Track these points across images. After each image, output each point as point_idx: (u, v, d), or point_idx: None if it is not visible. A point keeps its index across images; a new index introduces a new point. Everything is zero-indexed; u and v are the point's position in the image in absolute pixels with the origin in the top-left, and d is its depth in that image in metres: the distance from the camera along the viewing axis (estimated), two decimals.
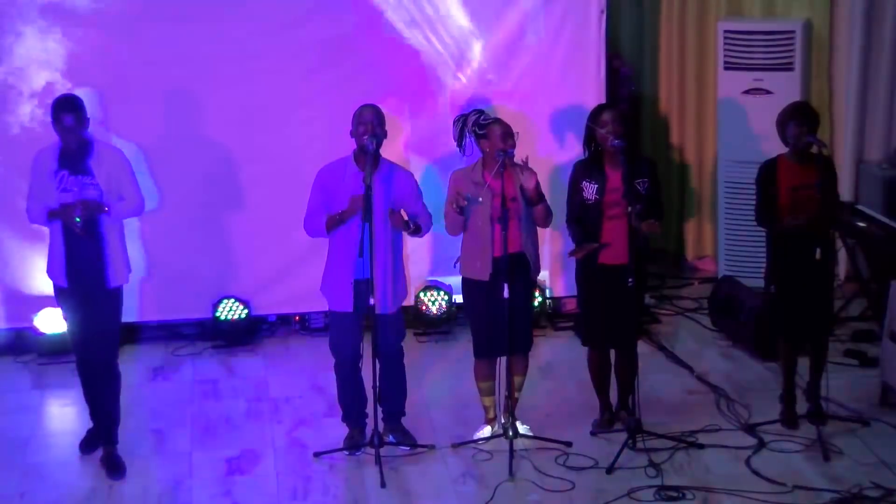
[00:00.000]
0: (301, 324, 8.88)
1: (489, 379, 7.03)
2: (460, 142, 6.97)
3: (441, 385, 7.81)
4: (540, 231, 7.03)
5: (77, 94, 6.88)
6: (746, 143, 9.02)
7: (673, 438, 6.92)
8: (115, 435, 6.92)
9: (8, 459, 6.99)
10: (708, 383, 7.80)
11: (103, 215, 6.66)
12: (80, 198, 6.58)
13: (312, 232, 6.87)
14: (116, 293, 6.84)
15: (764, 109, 8.88)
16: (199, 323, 8.74)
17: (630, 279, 6.62)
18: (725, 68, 9.19)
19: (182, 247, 8.53)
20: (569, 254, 7.03)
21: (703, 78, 9.74)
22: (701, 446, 6.92)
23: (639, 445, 6.78)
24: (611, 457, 6.74)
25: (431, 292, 8.74)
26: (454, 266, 6.97)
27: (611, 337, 6.99)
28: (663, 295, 9.38)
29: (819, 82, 9.31)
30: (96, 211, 6.62)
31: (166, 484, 6.69)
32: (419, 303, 8.72)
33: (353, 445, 6.92)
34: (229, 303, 8.61)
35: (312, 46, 8.45)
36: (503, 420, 6.91)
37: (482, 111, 7.00)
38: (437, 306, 8.74)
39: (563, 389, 7.79)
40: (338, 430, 7.05)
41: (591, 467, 6.73)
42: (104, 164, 6.70)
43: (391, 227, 6.73)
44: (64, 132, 6.62)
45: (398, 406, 7.04)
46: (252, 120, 8.46)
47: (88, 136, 6.75)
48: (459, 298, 7.26)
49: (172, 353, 8.53)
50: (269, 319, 8.92)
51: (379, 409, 6.86)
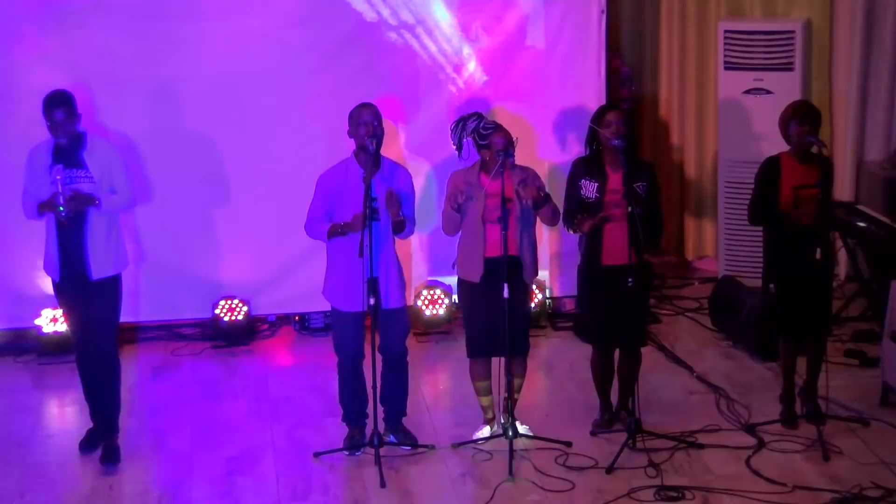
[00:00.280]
0: (301, 324, 8.87)
1: (485, 379, 7.03)
2: (459, 146, 6.95)
3: (441, 385, 7.82)
4: (539, 232, 7.02)
5: (67, 90, 6.86)
6: (747, 143, 9.02)
7: (673, 438, 6.92)
8: (117, 424, 6.96)
9: (8, 459, 6.99)
10: (708, 383, 7.80)
11: (91, 208, 6.67)
12: (72, 190, 6.58)
13: (313, 236, 6.88)
14: (107, 285, 6.82)
15: (764, 109, 8.90)
16: (199, 323, 8.74)
17: (630, 279, 6.62)
18: (726, 68, 9.19)
19: (182, 247, 8.53)
20: (575, 229, 6.91)
21: (704, 78, 9.74)
22: (701, 446, 6.91)
23: (639, 445, 6.78)
24: (611, 457, 6.74)
25: (431, 292, 8.74)
26: (452, 267, 6.98)
27: (616, 337, 6.98)
28: (664, 295, 9.38)
29: (819, 82, 9.31)
30: (87, 204, 6.62)
31: (166, 484, 6.68)
32: (419, 303, 8.72)
33: (353, 445, 6.91)
34: (229, 303, 8.61)
35: (312, 46, 8.45)
36: (503, 420, 6.90)
37: (482, 116, 6.93)
38: (438, 306, 8.75)
39: (563, 389, 7.79)
40: (338, 430, 7.04)
41: (591, 467, 6.72)
42: (97, 158, 6.73)
43: (389, 216, 6.71)
44: (55, 127, 6.63)
45: (400, 406, 7.03)
46: (252, 120, 8.46)
47: (81, 130, 6.76)
48: (457, 300, 7.25)
49: (172, 354, 8.53)
50: (269, 319, 8.92)
51: (379, 409, 6.86)
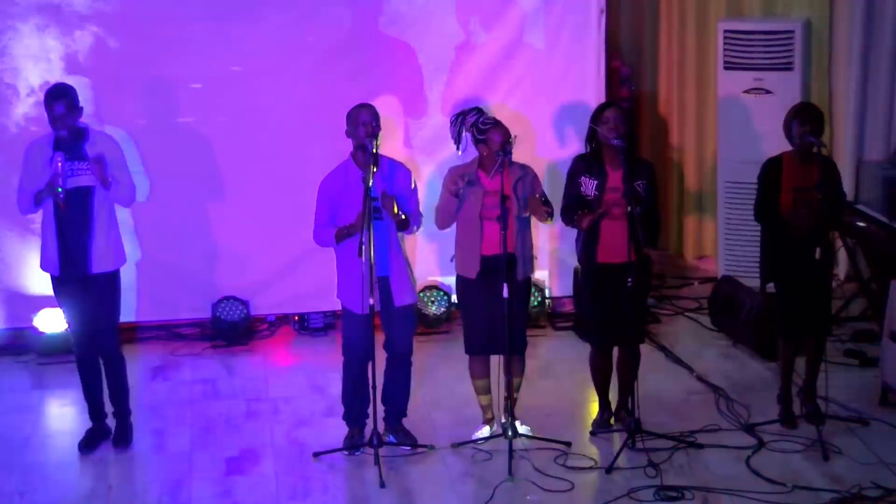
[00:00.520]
0: (300, 324, 8.87)
1: (483, 377, 7.02)
2: (458, 140, 6.96)
3: (441, 385, 7.81)
4: (538, 231, 7.01)
5: (68, 84, 6.94)
6: (746, 143, 9.02)
7: (673, 438, 6.91)
8: (128, 405, 7.12)
9: (7, 459, 6.99)
10: (708, 383, 7.79)
11: (95, 199, 6.74)
12: (96, 155, 6.71)
13: (322, 243, 6.87)
14: (107, 280, 6.88)
15: (764, 109, 8.90)
16: (199, 323, 8.74)
17: (629, 278, 6.62)
18: (725, 68, 9.18)
19: (182, 247, 8.53)
20: (575, 224, 6.89)
21: (703, 78, 9.74)
22: (700, 446, 6.91)
23: (638, 445, 6.78)
24: (610, 457, 6.74)
25: (432, 292, 8.74)
26: (451, 261, 6.97)
27: (615, 335, 6.98)
28: (663, 295, 9.37)
29: (819, 82, 9.30)
30: (103, 179, 6.67)
31: (166, 484, 6.68)
32: (419, 303, 8.71)
33: (353, 445, 6.91)
34: (229, 303, 8.62)
35: (312, 46, 8.45)
36: (503, 420, 6.90)
37: (482, 111, 6.95)
38: (437, 306, 8.74)
39: (563, 389, 7.78)
40: (337, 430, 7.04)
41: (591, 467, 6.72)
42: (101, 150, 6.78)
43: (383, 205, 6.70)
44: (55, 120, 6.69)
45: (400, 406, 7.03)
46: (252, 120, 8.46)
47: (82, 125, 6.82)
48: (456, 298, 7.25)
49: (172, 354, 8.53)
50: (269, 319, 8.92)
51: (380, 409, 6.86)
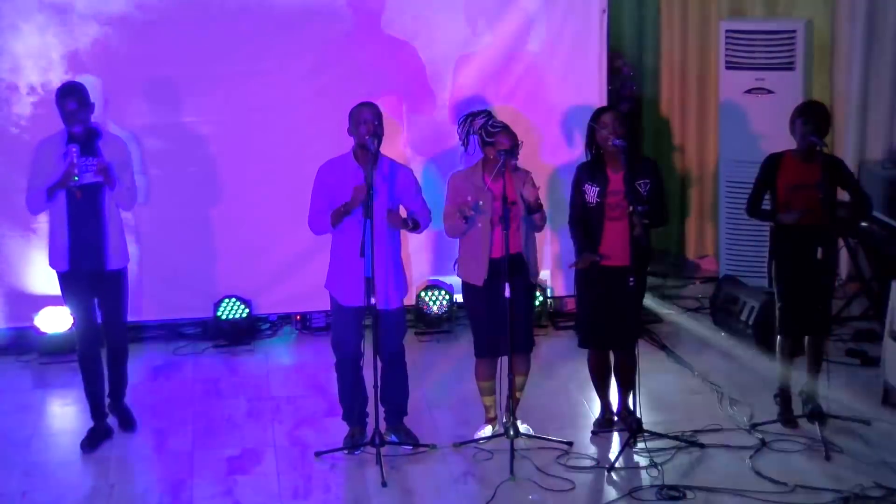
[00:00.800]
0: (302, 323, 8.87)
1: (489, 378, 7.03)
2: (465, 141, 6.96)
3: (442, 384, 7.81)
4: (540, 232, 7.02)
5: (79, 82, 7.03)
6: (748, 143, 9.01)
7: (674, 438, 6.91)
8: (124, 392, 7.28)
9: (9, 458, 6.99)
10: (709, 383, 7.80)
11: (105, 195, 6.83)
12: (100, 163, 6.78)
13: (318, 229, 6.85)
14: (118, 277, 7.02)
15: (765, 109, 8.90)
16: (201, 322, 8.75)
17: (631, 280, 6.62)
18: (727, 68, 9.18)
19: (183, 247, 8.53)
20: (570, 266, 7.02)
21: (705, 77, 9.74)
22: (702, 446, 6.91)
23: (640, 445, 6.78)
24: (611, 456, 6.74)
25: (432, 292, 8.74)
26: (452, 268, 6.97)
27: (611, 338, 6.98)
28: (664, 294, 9.37)
29: (820, 82, 9.31)
30: (108, 179, 6.76)
31: (167, 483, 6.68)
32: (420, 303, 8.72)
33: (354, 445, 6.91)
34: (230, 302, 8.61)
35: (313, 45, 8.44)
36: (504, 420, 6.90)
37: (491, 114, 6.93)
38: (438, 306, 8.74)
39: (564, 389, 7.78)
40: (339, 430, 7.04)
41: (592, 467, 6.73)
42: (111, 150, 6.90)
43: (385, 216, 6.71)
44: (68, 116, 6.77)
45: (400, 405, 7.03)
46: (252, 120, 8.46)
47: (94, 124, 6.92)
48: (460, 298, 7.25)
49: (174, 353, 8.53)
50: (270, 319, 8.93)
51: (380, 409, 6.86)
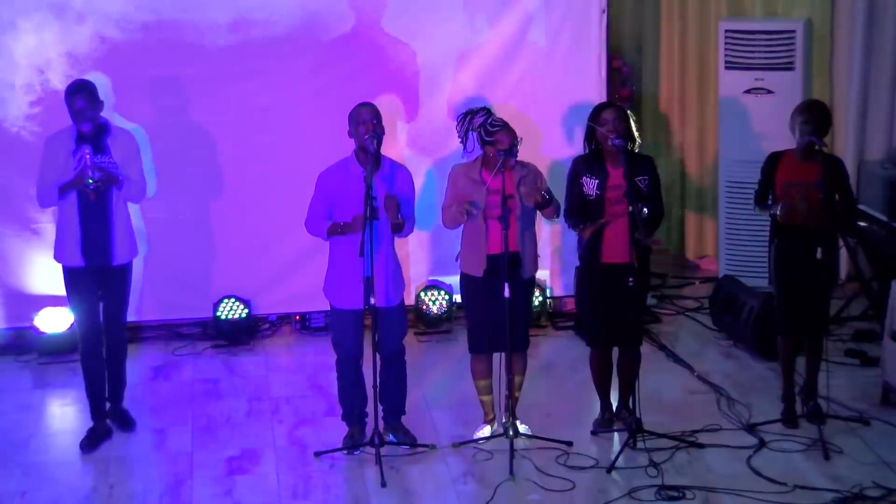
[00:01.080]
0: (301, 323, 8.87)
1: (486, 377, 7.02)
2: (464, 139, 6.95)
3: (442, 384, 7.81)
4: (539, 229, 7.02)
5: (88, 79, 7.04)
6: (747, 143, 9.02)
7: (674, 438, 6.91)
8: (122, 395, 7.27)
9: (9, 458, 6.99)
10: (709, 383, 7.79)
11: (113, 192, 6.86)
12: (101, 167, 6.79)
13: (313, 233, 6.89)
14: (124, 272, 7.06)
15: (765, 109, 8.91)
16: (200, 322, 8.74)
17: (630, 279, 6.62)
18: (726, 68, 9.18)
19: (183, 246, 8.53)
20: (578, 232, 6.92)
21: (704, 77, 9.74)
22: (701, 446, 6.91)
23: (639, 445, 6.78)
24: (611, 456, 6.74)
25: (432, 292, 8.74)
26: (456, 260, 6.97)
27: (614, 336, 6.98)
28: (664, 294, 9.37)
29: (820, 82, 9.30)
30: (112, 181, 6.79)
31: (167, 483, 6.68)
32: (420, 302, 8.72)
33: (354, 445, 6.90)
34: (230, 302, 8.61)
35: (313, 45, 8.44)
36: (504, 420, 6.90)
37: (490, 112, 6.91)
38: (438, 306, 8.74)
39: (564, 389, 7.79)
40: (338, 430, 7.04)
41: (592, 467, 6.72)
42: (119, 145, 6.94)
43: (388, 218, 6.70)
44: (77, 114, 6.80)
45: (399, 405, 7.02)
46: (253, 120, 8.45)
47: (103, 120, 6.94)
48: (459, 298, 7.25)
49: (173, 353, 8.53)
50: (270, 319, 8.92)
51: (379, 409, 6.86)
